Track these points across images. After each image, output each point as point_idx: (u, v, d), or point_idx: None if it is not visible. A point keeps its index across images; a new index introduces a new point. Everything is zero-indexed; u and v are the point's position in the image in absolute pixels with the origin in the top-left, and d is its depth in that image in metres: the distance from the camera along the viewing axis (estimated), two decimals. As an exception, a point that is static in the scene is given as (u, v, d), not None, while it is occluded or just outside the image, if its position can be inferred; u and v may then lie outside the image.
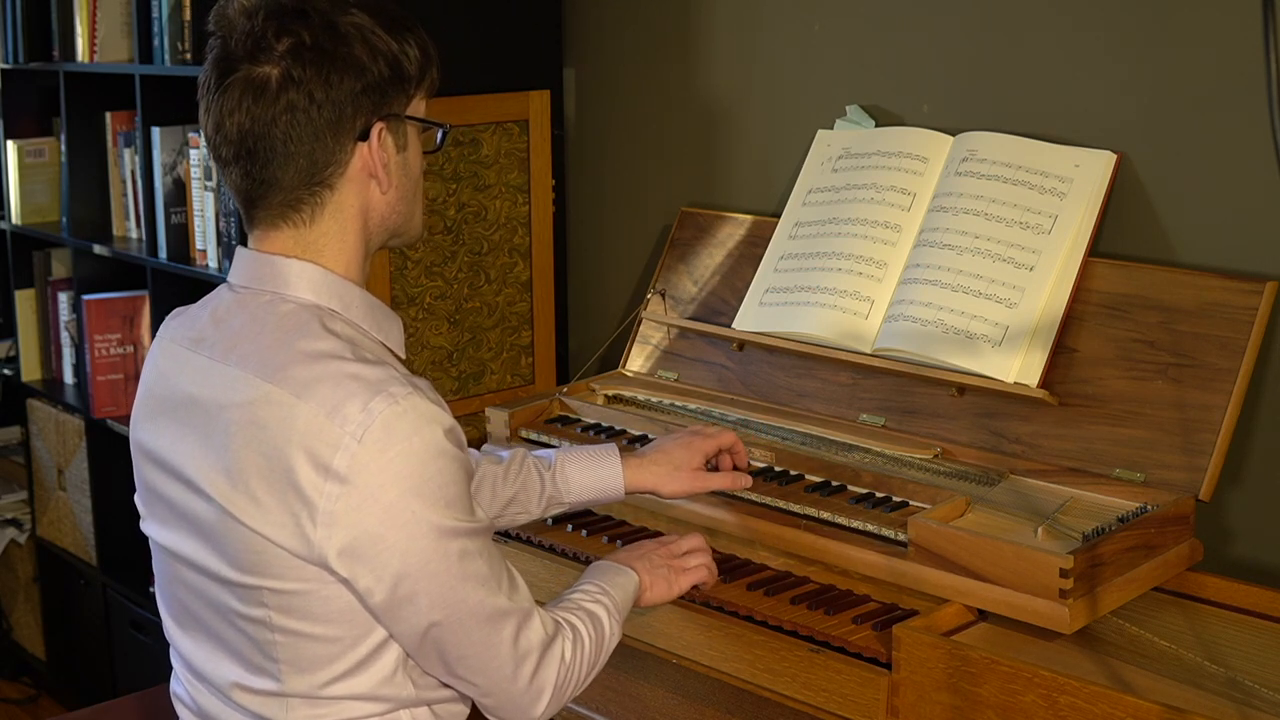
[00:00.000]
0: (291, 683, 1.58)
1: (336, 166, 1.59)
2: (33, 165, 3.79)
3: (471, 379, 2.82)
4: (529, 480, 2.04)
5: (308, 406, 1.50)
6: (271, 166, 1.57)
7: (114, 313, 3.49)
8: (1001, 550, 1.85)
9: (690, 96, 2.79)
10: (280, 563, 1.52)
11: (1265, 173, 2.03)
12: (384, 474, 1.49)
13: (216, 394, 1.57)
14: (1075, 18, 2.23)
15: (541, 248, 2.90)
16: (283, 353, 1.55)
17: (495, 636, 1.59)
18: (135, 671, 3.46)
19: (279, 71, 1.55)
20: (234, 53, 1.56)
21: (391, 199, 1.64)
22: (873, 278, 2.32)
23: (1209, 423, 1.99)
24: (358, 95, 1.57)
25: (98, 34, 3.36)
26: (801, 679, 1.87)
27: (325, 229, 1.61)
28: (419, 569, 1.53)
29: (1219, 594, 1.97)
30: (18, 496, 4.00)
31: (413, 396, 1.52)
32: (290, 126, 1.55)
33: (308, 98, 1.55)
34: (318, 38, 1.56)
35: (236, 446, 1.53)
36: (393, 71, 1.60)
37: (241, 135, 1.57)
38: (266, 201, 1.61)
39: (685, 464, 2.08)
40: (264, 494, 1.52)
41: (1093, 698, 1.64)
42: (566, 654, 1.67)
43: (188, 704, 1.71)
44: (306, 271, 1.61)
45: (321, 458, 1.49)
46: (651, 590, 1.87)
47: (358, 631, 1.57)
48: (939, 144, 2.35)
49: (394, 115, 1.62)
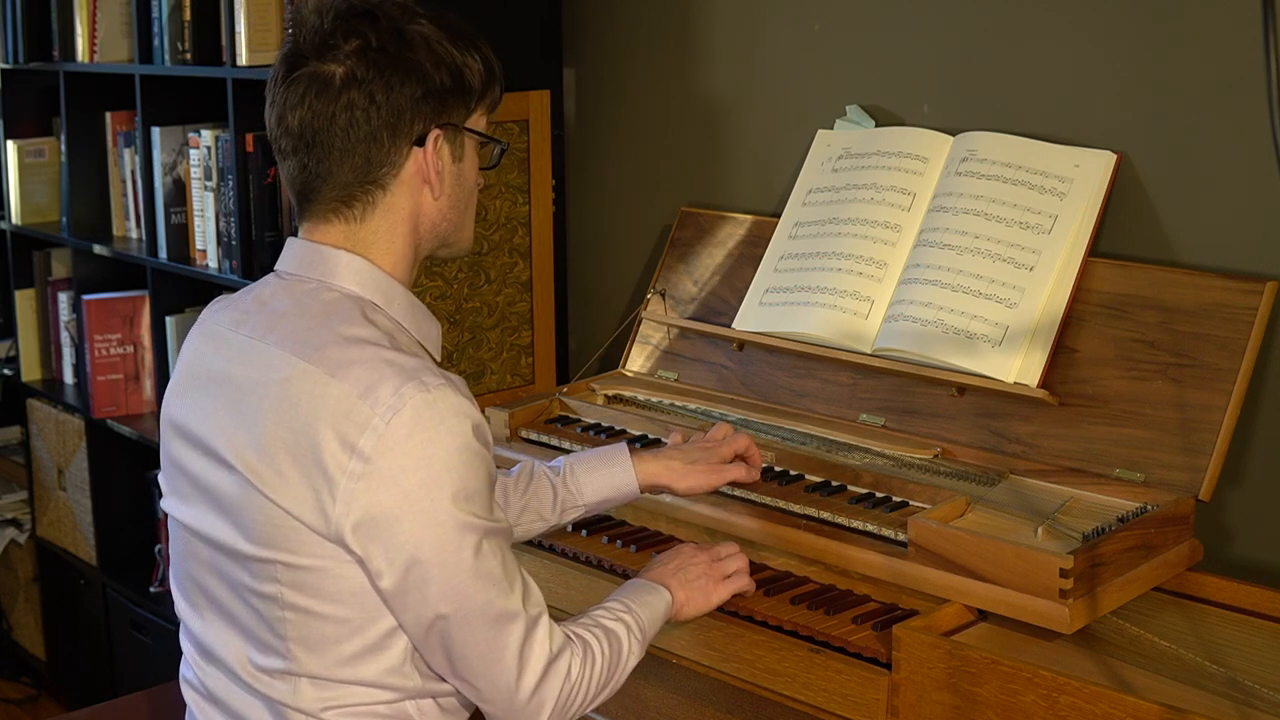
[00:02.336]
0: (299, 662, 1.59)
1: (391, 167, 1.63)
2: (33, 165, 3.79)
3: (471, 379, 2.82)
4: (540, 489, 2.04)
5: (341, 386, 1.53)
6: (328, 161, 1.62)
7: (114, 313, 3.50)
8: (1001, 550, 1.85)
9: (690, 96, 2.79)
10: (297, 537, 1.55)
11: (1265, 173, 2.03)
12: (408, 458, 1.52)
13: (252, 371, 1.61)
14: (1075, 18, 2.23)
15: (541, 248, 2.90)
16: (321, 334, 1.58)
17: (500, 639, 1.59)
18: (135, 671, 3.46)
19: (344, 70, 1.59)
20: (303, 49, 1.62)
21: (443, 206, 1.68)
22: (873, 278, 2.32)
23: (1209, 423, 1.99)
24: (418, 101, 1.61)
25: (98, 34, 3.36)
26: (801, 679, 1.87)
27: (376, 227, 1.65)
28: (431, 557, 1.54)
29: (1219, 594, 1.97)
30: (18, 496, 4.00)
31: (444, 388, 1.55)
32: (349, 124, 1.60)
33: (368, 98, 1.59)
34: (384, 41, 1.60)
35: (267, 421, 1.56)
36: (454, 82, 1.64)
37: (302, 129, 1.61)
38: (320, 195, 1.65)
39: (701, 460, 2.07)
40: (288, 468, 1.54)
41: (1093, 698, 1.64)
42: (573, 670, 1.66)
43: (196, 688, 1.72)
44: (354, 264, 1.64)
45: (349, 436, 1.52)
46: (689, 605, 1.87)
47: (367, 615, 1.58)
48: (939, 144, 2.35)
49: (452, 125, 1.66)
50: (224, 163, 2.99)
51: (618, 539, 2.20)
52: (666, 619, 1.85)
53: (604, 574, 2.12)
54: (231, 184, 2.93)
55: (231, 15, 2.85)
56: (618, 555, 2.14)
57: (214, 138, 3.02)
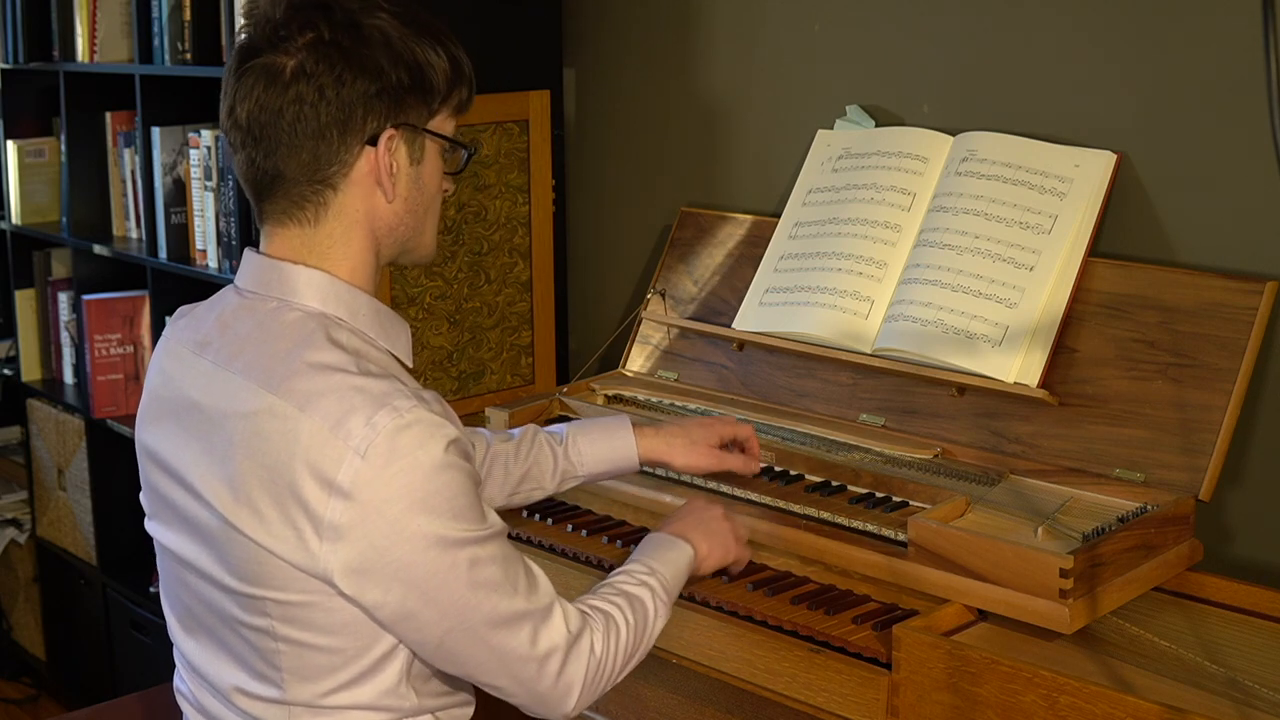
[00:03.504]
0: (294, 691, 1.57)
1: (341, 166, 1.57)
2: (33, 165, 3.79)
3: (471, 379, 2.82)
4: (541, 456, 2.04)
5: (311, 420, 1.49)
6: (275, 156, 1.57)
7: (114, 313, 3.50)
8: (1001, 550, 1.85)
9: (690, 96, 2.79)
10: (282, 574, 1.51)
11: (1265, 173, 2.03)
12: (388, 489, 1.47)
13: (219, 401, 1.56)
14: (1075, 18, 2.23)
15: (541, 248, 2.90)
16: (287, 364, 1.53)
17: (512, 640, 1.57)
18: (135, 671, 3.46)
19: (294, 63, 1.54)
20: (256, 41, 1.57)
21: (398, 209, 1.62)
22: (873, 278, 2.32)
23: (1209, 423, 1.99)
24: (370, 98, 1.55)
25: (98, 34, 3.36)
26: (801, 679, 1.87)
27: (330, 231, 1.60)
28: (426, 581, 1.51)
29: (1219, 594, 1.97)
30: (18, 496, 4.00)
31: (417, 409, 1.50)
32: (296, 118, 1.54)
33: (317, 92, 1.54)
34: (337, 34, 1.55)
35: (239, 457, 1.52)
36: (414, 80, 1.58)
37: (250, 121, 1.57)
38: (271, 193, 1.60)
39: (701, 440, 2.07)
40: (266, 506, 1.50)
41: (1093, 698, 1.64)
42: (597, 646, 1.64)
43: (191, 701, 1.70)
44: (314, 279, 1.59)
45: (325, 472, 1.47)
46: (711, 557, 1.88)
47: (362, 643, 1.55)
48: (939, 144, 2.35)
49: (410, 125, 1.60)
50: (224, 163, 2.99)
51: (618, 539, 2.20)
52: (690, 573, 1.84)
53: (604, 574, 2.11)
54: (231, 184, 2.93)
55: (232, 15, 2.85)
56: (618, 555, 2.14)
57: (214, 138, 3.02)
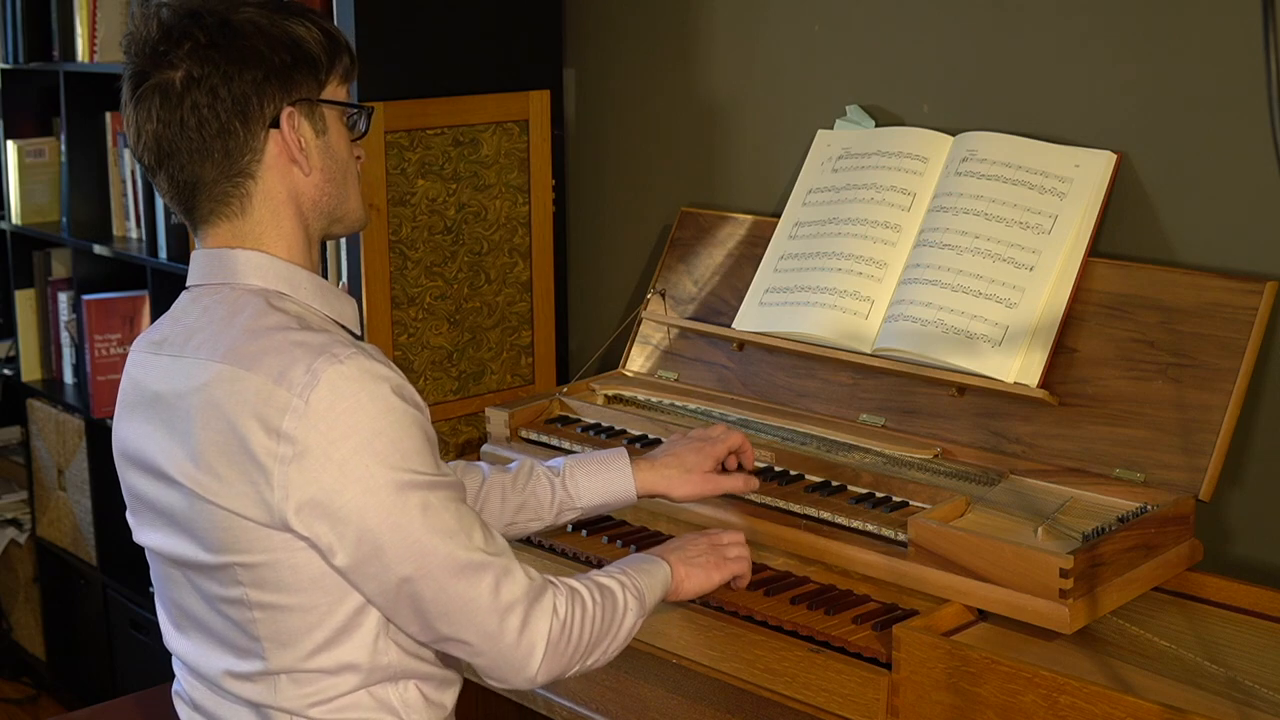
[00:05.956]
0: (275, 659, 1.61)
1: (253, 154, 1.64)
2: (33, 165, 3.79)
3: (471, 379, 2.82)
4: (538, 487, 2.05)
5: (255, 376, 1.55)
6: (191, 166, 1.63)
7: (114, 313, 3.50)
8: (1001, 550, 1.85)
9: (690, 96, 2.79)
10: (247, 536, 1.56)
11: (1265, 173, 2.03)
12: (333, 430, 1.53)
13: (177, 384, 1.62)
14: (1075, 18, 2.23)
15: (541, 248, 2.90)
16: (230, 333, 1.60)
17: (473, 589, 1.59)
18: (135, 671, 3.46)
19: (182, 73, 1.61)
20: (142, 65, 1.63)
21: (317, 181, 1.68)
22: (873, 278, 2.32)
23: (1209, 423, 1.99)
24: (260, 84, 1.62)
25: (98, 34, 3.36)
26: (801, 679, 1.87)
27: (259, 218, 1.66)
28: (379, 523, 1.55)
29: (1219, 594, 1.97)
30: (18, 496, 4.00)
31: (357, 356, 1.56)
32: (200, 124, 1.61)
33: (211, 94, 1.60)
34: (213, 36, 1.61)
35: (198, 429, 1.58)
36: (295, 57, 1.64)
37: (158, 141, 1.63)
38: (196, 201, 1.66)
39: (696, 467, 2.08)
40: (224, 468, 1.56)
41: (1093, 698, 1.64)
42: (560, 608, 1.65)
43: (187, 701, 1.75)
44: (253, 259, 1.66)
45: (271, 422, 1.53)
46: (688, 581, 1.88)
47: (332, 598, 1.59)
48: (939, 144, 2.35)
49: (306, 100, 1.66)
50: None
51: (618, 539, 2.20)
52: (665, 591, 1.86)
53: (604, 574, 2.12)
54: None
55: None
56: (618, 555, 2.14)
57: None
